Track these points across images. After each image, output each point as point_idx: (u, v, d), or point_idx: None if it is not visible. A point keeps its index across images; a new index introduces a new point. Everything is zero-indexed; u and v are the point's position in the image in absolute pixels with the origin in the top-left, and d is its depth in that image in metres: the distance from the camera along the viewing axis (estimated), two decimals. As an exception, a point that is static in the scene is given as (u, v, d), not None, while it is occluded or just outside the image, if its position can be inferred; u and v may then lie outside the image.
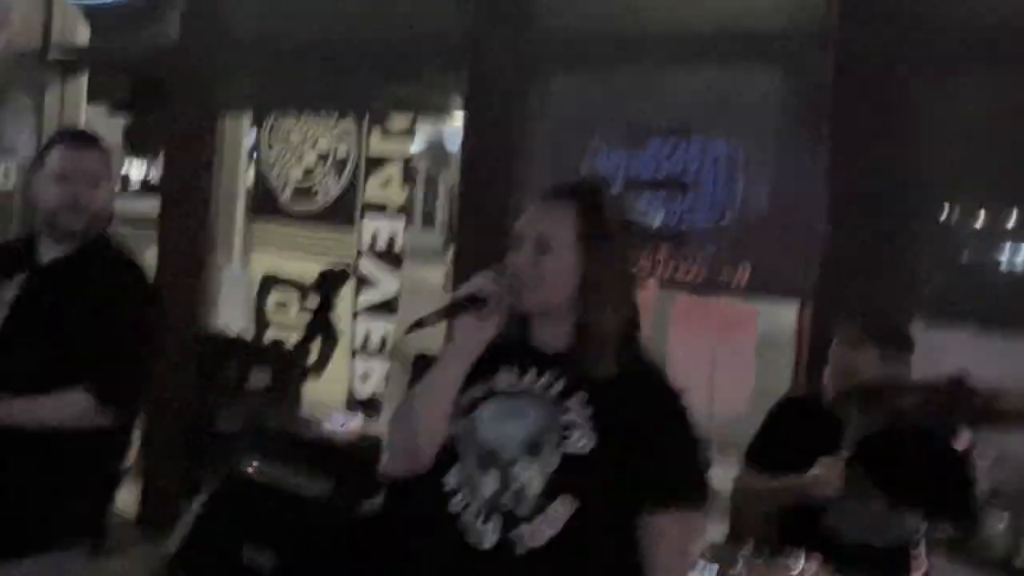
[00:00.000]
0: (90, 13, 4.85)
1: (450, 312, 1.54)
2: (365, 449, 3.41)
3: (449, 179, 15.80)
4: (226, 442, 3.51)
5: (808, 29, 3.18)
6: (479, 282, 1.55)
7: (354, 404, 4.02)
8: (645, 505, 1.53)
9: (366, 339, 4.06)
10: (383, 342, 4.05)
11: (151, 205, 4.60)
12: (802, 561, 2.06)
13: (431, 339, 1.89)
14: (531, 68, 3.64)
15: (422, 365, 3.37)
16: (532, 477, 1.51)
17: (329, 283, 1.63)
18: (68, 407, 2.07)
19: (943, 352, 2.96)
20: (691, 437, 1.60)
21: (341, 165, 4.18)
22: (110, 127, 7.83)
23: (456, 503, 1.55)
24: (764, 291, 3.39)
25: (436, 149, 11.23)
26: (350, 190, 4.14)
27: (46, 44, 4.97)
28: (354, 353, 4.10)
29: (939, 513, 2.17)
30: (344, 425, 3.37)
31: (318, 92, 4.14)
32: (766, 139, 3.32)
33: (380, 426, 3.69)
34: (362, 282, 4.06)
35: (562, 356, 1.59)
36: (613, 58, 3.56)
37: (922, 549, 1.95)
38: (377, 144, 4.10)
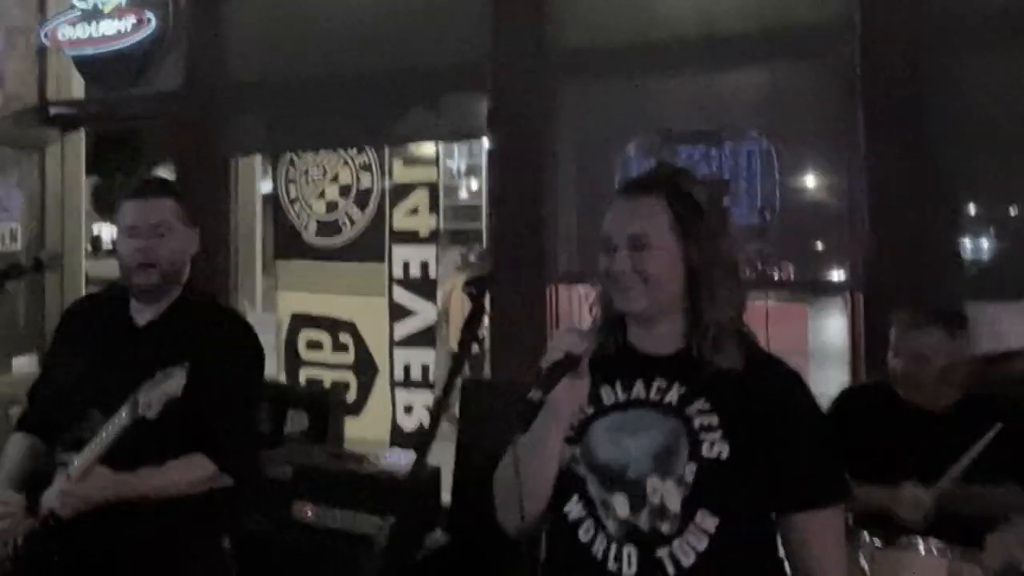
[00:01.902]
0: (85, 65, 4.87)
1: (551, 381, 1.46)
2: (423, 483, 3.43)
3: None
4: (279, 489, 3.50)
5: (834, 21, 3.27)
6: (568, 340, 1.49)
7: (400, 437, 4.03)
8: (793, 506, 1.49)
9: (407, 371, 4.09)
10: (424, 373, 4.07)
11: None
12: (921, 540, 2.09)
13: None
14: (554, 84, 3.72)
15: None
16: (668, 492, 1.45)
17: (481, 288, 1.61)
18: (192, 474, 2.07)
19: (994, 324, 3.05)
20: (824, 428, 1.57)
21: (365, 196, 4.21)
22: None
23: (585, 532, 1.50)
24: (811, 286, 3.47)
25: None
26: (377, 221, 4.17)
27: (43, 100, 4.98)
28: (394, 386, 4.12)
29: None
30: (402, 461, 3.38)
31: (334, 128, 4.18)
32: (799, 133, 3.40)
33: (433, 458, 3.69)
34: (398, 312, 4.09)
35: (671, 359, 1.54)
36: (635, 66, 3.64)
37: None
38: (401, 172, 4.15)
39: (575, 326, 1.54)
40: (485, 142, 4.02)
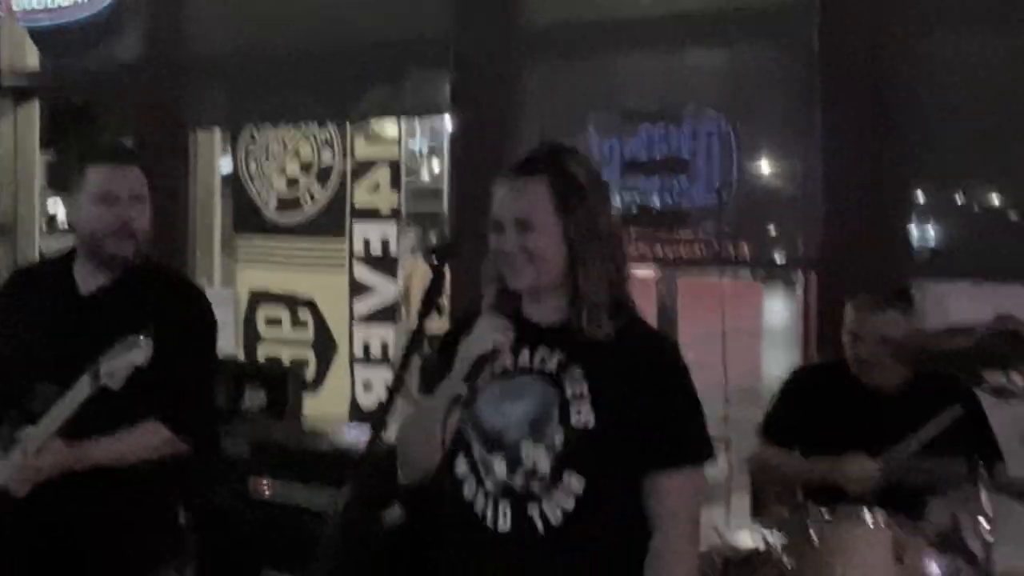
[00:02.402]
0: (40, 36, 4.77)
1: (478, 374, 1.54)
2: (380, 459, 3.43)
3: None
4: (235, 464, 3.49)
5: (794, 2, 3.29)
6: (494, 333, 1.56)
7: (359, 414, 4.03)
8: (651, 466, 1.57)
9: (366, 347, 4.08)
10: (384, 350, 4.06)
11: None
12: (868, 513, 2.14)
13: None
14: (517, 60, 3.71)
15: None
16: (539, 456, 1.56)
17: (443, 257, 1.67)
18: (148, 441, 2.05)
19: (941, 302, 3.12)
20: (689, 393, 1.63)
21: (326, 172, 4.18)
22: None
23: (468, 489, 1.60)
24: (766, 265, 3.51)
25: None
26: (338, 197, 4.14)
27: (-4, 71, 4.88)
28: (354, 362, 4.11)
29: (979, 453, 2.28)
30: (360, 437, 3.38)
31: (296, 102, 4.14)
32: (758, 113, 3.44)
33: (392, 434, 3.71)
34: (358, 289, 4.07)
35: (555, 329, 1.63)
36: (599, 44, 3.64)
37: (981, 489, 2.06)
38: (363, 148, 4.12)
39: (499, 317, 1.59)
40: (447, 123, 4.01)
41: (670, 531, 1.58)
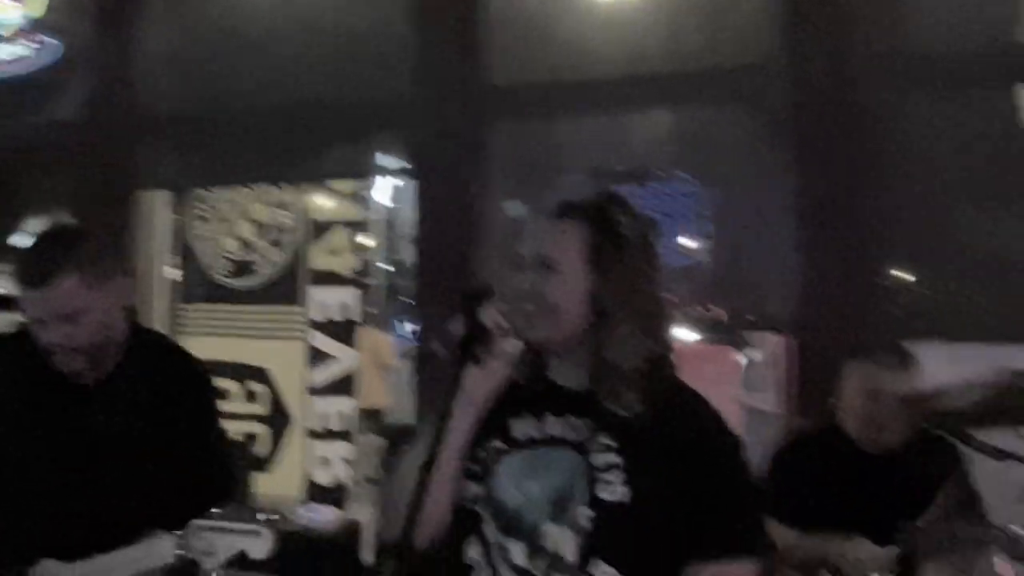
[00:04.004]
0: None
1: (458, 349, 1.34)
2: (347, 540, 3.25)
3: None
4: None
5: (763, 62, 3.33)
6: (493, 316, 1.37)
7: (316, 492, 3.82)
8: (693, 556, 1.38)
9: (323, 420, 3.89)
10: (343, 423, 3.88)
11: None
12: None
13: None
14: (479, 122, 3.67)
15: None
16: (564, 539, 1.37)
17: (477, 303, 1.48)
18: (164, 556, 1.83)
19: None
20: (740, 474, 1.45)
21: (282, 234, 4.04)
22: None
23: None
24: (741, 327, 3.46)
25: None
26: (293, 261, 4.00)
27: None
28: (310, 436, 3.92)
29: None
30: (322, 516, 3.19)
31: (250, 162, 4.03)
32: (730, 176, 3.43)
33: (355, 514, 3.52)
34: (316, 357, 3.91)
35: (585, 395, 1.43)
36: (563, 105, 3.63)
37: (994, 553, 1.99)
38: (322, 209, 4.00)
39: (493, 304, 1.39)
40: (394, 191, 3.90)
41: None
